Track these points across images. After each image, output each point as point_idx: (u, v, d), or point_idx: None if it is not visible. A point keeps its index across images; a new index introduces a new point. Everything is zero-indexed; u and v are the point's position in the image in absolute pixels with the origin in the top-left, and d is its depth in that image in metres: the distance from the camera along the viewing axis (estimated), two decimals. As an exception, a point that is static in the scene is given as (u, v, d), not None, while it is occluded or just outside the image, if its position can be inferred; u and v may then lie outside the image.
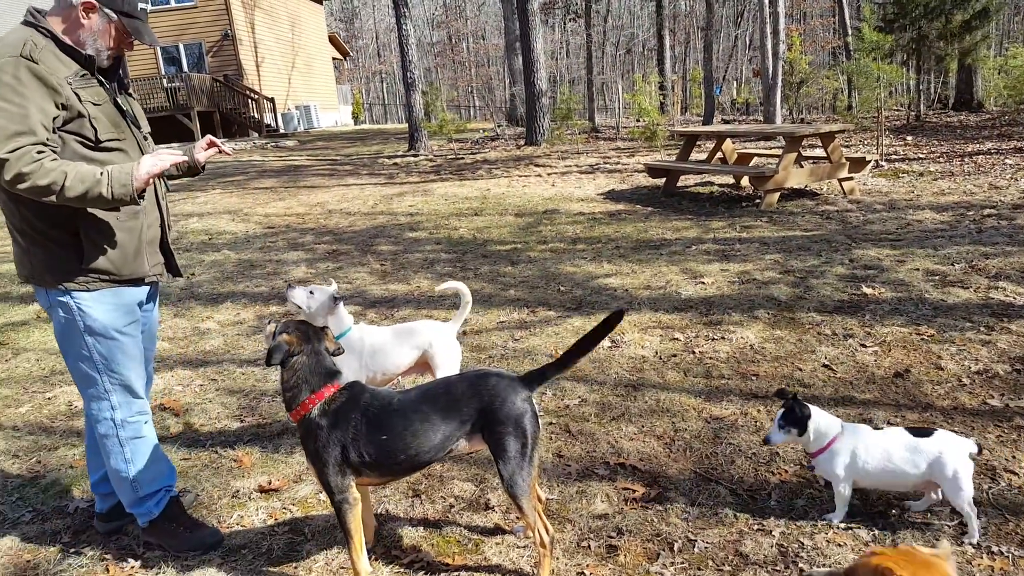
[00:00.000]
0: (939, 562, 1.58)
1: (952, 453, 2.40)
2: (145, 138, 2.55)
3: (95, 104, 2.31)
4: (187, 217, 9.55)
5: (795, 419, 2.57)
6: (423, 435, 2.26)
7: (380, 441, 2.25)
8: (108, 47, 2.34)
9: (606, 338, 2.60)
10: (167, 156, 2.35)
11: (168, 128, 22.33)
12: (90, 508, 2.91)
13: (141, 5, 2.36)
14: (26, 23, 2.26)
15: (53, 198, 2.16)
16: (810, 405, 2.60)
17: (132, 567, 2.58)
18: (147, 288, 2.59)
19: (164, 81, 22.95)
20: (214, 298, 5.96)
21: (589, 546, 2.54)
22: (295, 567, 2.52)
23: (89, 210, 2.31)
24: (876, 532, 2.50)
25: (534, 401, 2.31)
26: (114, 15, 2.29)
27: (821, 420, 2.58)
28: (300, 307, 3.15)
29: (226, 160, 16.06)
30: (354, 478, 2.29)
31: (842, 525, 2.54)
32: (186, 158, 2.48)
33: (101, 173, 2.20)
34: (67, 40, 2.27)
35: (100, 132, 2.31)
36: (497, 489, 2.90)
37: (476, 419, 2.26)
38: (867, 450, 2.50)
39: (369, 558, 2.43)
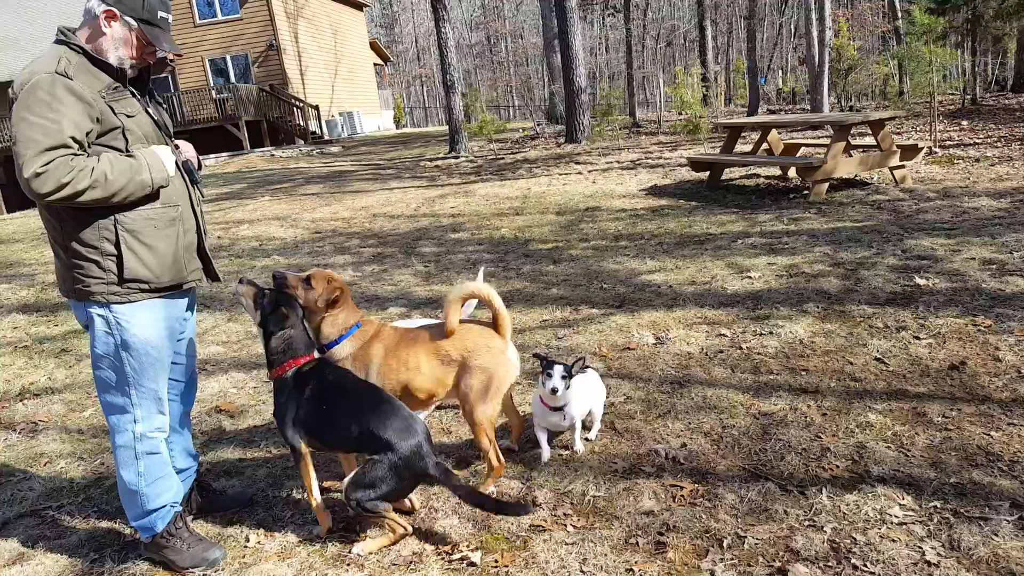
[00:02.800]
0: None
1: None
2: (176, 147, 2.64)
3: (128, 116, 2.39)
4: (238, 224, 9.83)
5: (568, 370, 3.00)
6: (352, 422, 2.56)
7: (320, 411, 2.60)
8: (130, 56, 2.40)
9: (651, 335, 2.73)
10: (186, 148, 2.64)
11: (217, 138, 23.02)
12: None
13: (162, 14, 2.42)
14: (58, 41, 2.34)
15: (97, 194, 2.24)
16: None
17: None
18: (186, 298, 2.70)
19: (213, 92, 23.66)
20: (265, 302, 6.13)
21: (637, 543, 2.54)
22: (347, 566, 2.58)
23: (128, 220, 2.38)
24: (931, 527, 2.44)
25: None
26: (134, 23, 2.34)
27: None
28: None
29: (274, 168, 16.47)
30: (304, 438, 2.64)
31: (896, 519, 2.49)
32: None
33: (135, 160, 2.35)
34: (95, 53, 2.34)
35: (130, 142, 2.39)
36: (544, 487, 2.93)
37: None
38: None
39: (420, 554, 2.51)
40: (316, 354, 2.76)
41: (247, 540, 2.77)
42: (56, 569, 2.73)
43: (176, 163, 2.53)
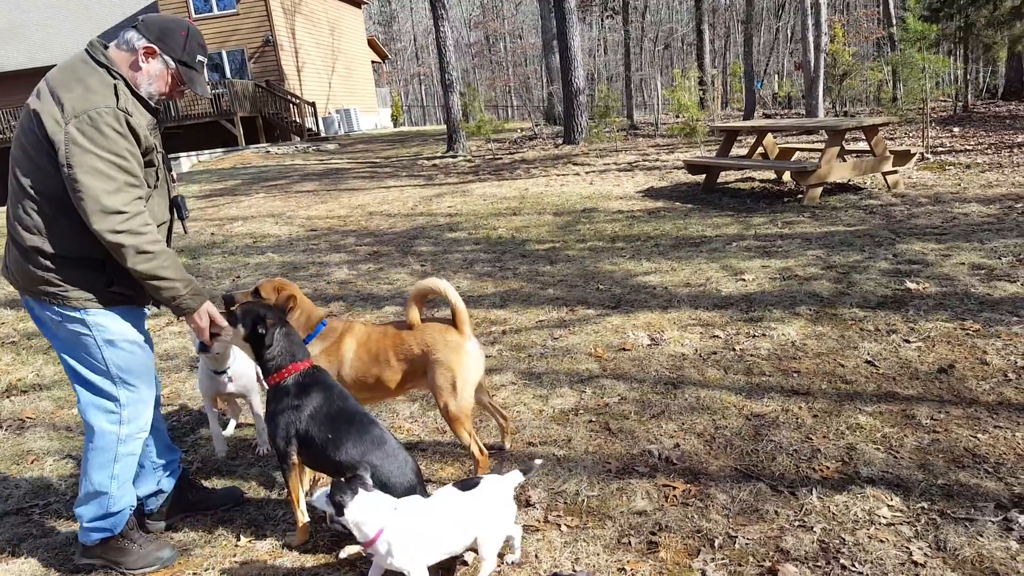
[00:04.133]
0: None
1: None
2: (171, 177, 2.66)
3: (159, 152, 2.45)
4: (232, 221, 9.83)
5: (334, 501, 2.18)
6: (354, 455, 2.49)
7: (325, 438, 2.51)
8: (161, 92, 2.43)
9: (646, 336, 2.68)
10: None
11: (212, 134, 22.96)
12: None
13: (200, 57, 2.46)
14: (99, 63, 2.31)
15: (138, 261, 2.26)
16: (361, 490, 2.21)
17: (198, 558, 2.71)
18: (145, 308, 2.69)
19: (208, 88, 23.56)
20: (261, 299, 6.14)
21: (629, 542, 2.58)
22: (340, 567, 2.61)
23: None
24: (918, 528, 2.49)
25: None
26: (172, 63, 2.38)
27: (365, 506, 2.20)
28: None
29: (269, 164, 16.46)
30: (295, 448, 2.57)
31: (884, 520, 2.54)
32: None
33: (189, 278, 2.41)
34: (130, 83, 2.35)
35: (156, 177, 2.45)
36: (538, 486, 2.97)
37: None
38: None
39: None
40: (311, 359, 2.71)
41: (238, 539, 2.79)
42: (41, 568, 2.73)
43: (168, 190, 2.61)
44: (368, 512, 2.19)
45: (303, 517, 2.69)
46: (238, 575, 2.57)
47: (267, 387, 2.66)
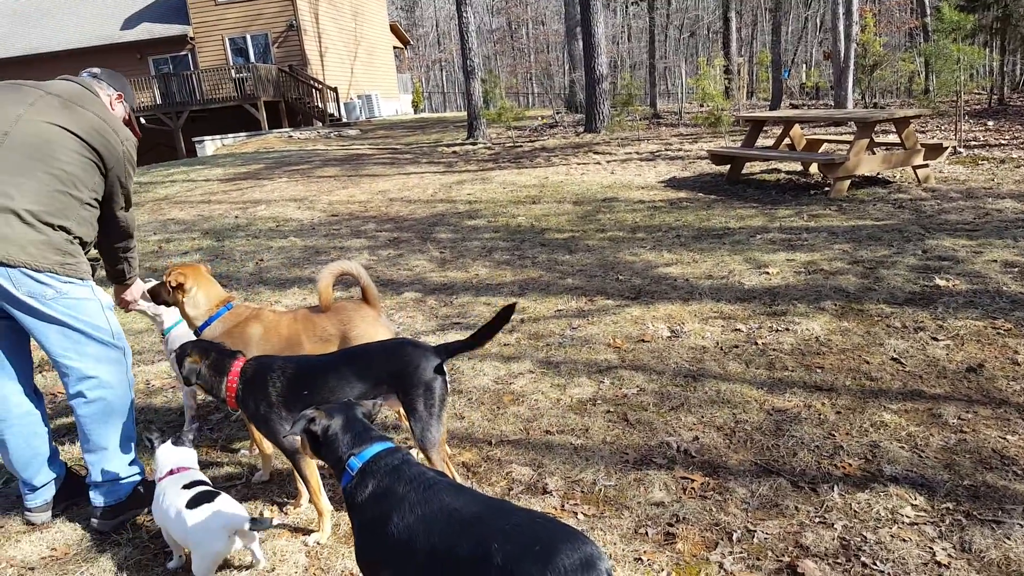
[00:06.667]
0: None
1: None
2: None
3: None
4: (255, 204, 9.89)
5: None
6: (339, 391, 2.52)
7: (302, 396, 2.52)
8: None
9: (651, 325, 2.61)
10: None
11: (236, 118, 23.10)
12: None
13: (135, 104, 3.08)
14: (98, 96, 2.77)
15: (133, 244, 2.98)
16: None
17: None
18: None
19: (232, 71, 23.69)
20: (282, 283, 6.18)
21: (647, 533, 2.56)
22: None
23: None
24: (942, 528, 2.43)
25: (444, 369, 2.56)
26: (129, 109, 2.95)
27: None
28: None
29: (291, 149, 16.53)
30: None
31: (907, 519, 2.49)
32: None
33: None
34: None
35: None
36: (555, 474, 2.95)
37: (390, 382, 2.55)
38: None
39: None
40: (243, 355, 2.69)
41: (261, 516, 2.81)
42: (76, 535, 2.80)
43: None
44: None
45: (327, 506, 2.70)
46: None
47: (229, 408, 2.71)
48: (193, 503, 2.36)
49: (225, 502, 2.39)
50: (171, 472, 2.56)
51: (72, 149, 2.54)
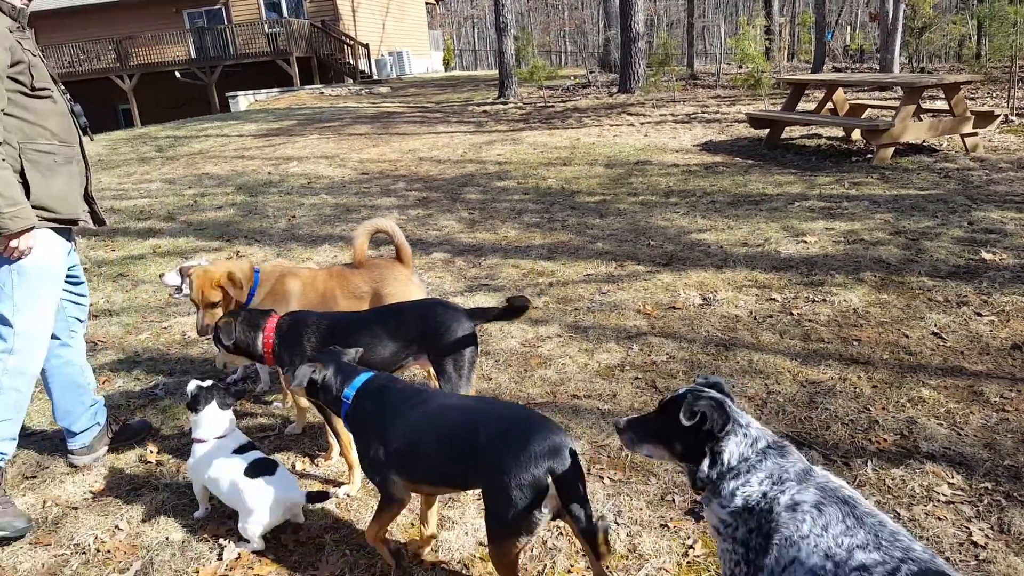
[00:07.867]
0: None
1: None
2: (65, 92, 2.69)
3: (33, 54, 2.50)
4: (287, 160, 9.90)
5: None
6: (372, 348, 2.52)
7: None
8: (23, 2, 2.53)
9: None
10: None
11: (268, 74, 23.03)
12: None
13: None
14: None
15: None
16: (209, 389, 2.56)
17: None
18: (72, 240, 2.74)
19: (265, 27, 23.56)
20: (313, 240, 6.20)
21: (673, 500, 2.54)
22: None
23: (31, 152, 2.46)
24: (980, 508, 2.37)
25: (476, 332, 2.56)
26: None
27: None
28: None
29: (323, 105, 16.47)
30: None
31: (943, 498, 2.43)
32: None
33: (16, 199, 2.34)
34: None
35: (35, 80, 2.48)
36: (582, 439, 2.93)
37: (421, 341, 2.56)
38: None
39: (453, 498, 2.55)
40: (276, 312, 2.73)
41: (293, 468, 2.85)
42: (116, 478, 2.87)
43: (70, 108, 2.66)
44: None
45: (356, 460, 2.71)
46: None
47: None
48: (252, 472, 2.38)
49: (284, 478, 2.42)
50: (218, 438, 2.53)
51: None
